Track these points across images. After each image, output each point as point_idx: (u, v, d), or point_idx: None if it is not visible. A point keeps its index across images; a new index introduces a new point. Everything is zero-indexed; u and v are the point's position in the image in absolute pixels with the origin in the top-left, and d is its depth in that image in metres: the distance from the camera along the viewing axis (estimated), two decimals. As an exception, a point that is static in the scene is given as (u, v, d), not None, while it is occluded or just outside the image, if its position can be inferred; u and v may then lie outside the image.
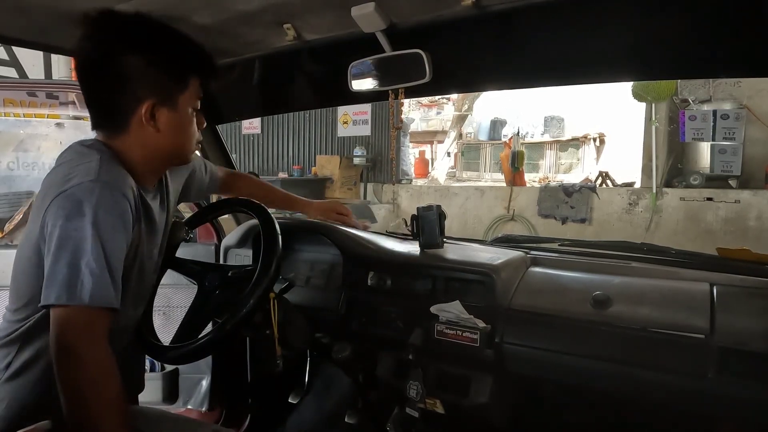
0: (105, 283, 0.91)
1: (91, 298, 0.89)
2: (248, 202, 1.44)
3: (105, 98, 1.05)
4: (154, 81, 1.03)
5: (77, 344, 0.88)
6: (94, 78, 1.05)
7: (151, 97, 1.03)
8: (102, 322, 0.91)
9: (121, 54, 1.01)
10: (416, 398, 1.37)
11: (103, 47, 1.02)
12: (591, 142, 12.53)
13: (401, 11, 1.23)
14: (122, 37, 1.03)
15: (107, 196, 0.94)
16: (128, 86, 1.02)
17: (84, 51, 1.04)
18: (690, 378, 1.16)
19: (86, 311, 0.89)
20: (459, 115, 12.94)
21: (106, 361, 0.91)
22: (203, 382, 1.99)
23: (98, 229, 0.91)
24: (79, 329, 0.89)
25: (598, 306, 1.30)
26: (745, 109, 6.37)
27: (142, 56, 1.02)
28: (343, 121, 9.06)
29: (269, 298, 1.25)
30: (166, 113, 1.06)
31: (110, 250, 0.92)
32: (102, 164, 0.98)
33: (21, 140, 3.57)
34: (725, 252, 1.46)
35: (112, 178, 0.98)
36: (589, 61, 1.31)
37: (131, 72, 1.01)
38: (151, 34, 1.05)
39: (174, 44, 1.07)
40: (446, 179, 12.16)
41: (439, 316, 1.40)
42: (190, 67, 1.10)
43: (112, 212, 0.95)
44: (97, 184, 0.94)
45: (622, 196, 6.99)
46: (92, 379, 0.88)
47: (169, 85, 1.05)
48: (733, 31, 1.11)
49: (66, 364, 0.88)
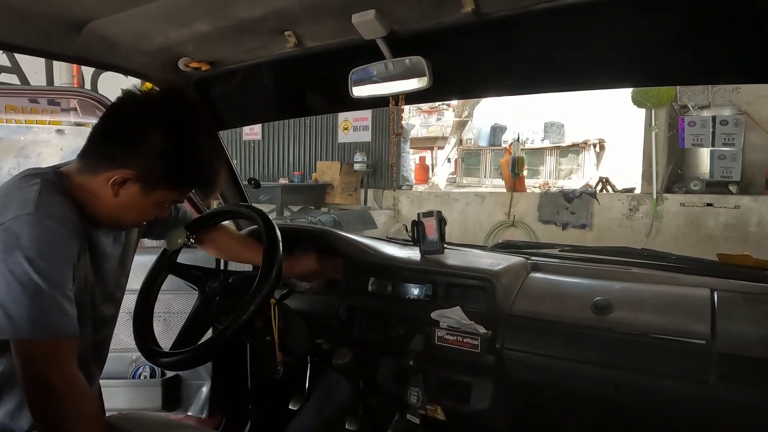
0: (60, 312, 0.91)
1: (51, 329, 0.89)
2: (249, 208, 1.44)
3: (107, 141, 1.05)
4: (151, 164, 1.02)
5: (47, 374, 0.89)
6: (117, 122, 1.06)
7: (134, 172, 1.02)
8: (68, 349, 0.92)
9: (151, 123, 1.01)
10: (417, 404, 1.37)
11: (145, 106, 1.04)
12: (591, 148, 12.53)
13: (401, 18, 1.23)
14: (166, 113, 1.03)
15: (45, 229, 0.93)
16: (130, 149, 1.01)
17: (132, 97, 1.05)
18: (691, 384, 1.16)
19: (50, 342, 0.90)
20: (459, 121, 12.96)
21: (78, 385, 0.92)
22: (203, 389, 1.98)
23: (40, 263, 0.90)
24: (47, 360, 0.89)
25: (598, 312, 1.30)
26: (744, 115, 6.37)
27: (163, 139, 1.01)
28: (344, 128, 9.07)
29: (270, 304, 1.25)
30: (134, 191, 1.04)
31: (55, 281, 0.92)
32: (41, 195, 0.97)
33: (22, 146, 3.58)
34: (726, 258, 1.46)
35: (51, 211, 0.96)
36: (589, 67, 1.31)
37: (144, 142, 1.01)
38: (188, 131, 1.04)
39: (196, 154, 1.06)
40: (446, 185, 12.16)
41: (440, 321, 1.40)
42: (191, 180, 1.09)
43: (52, 244, 0.94)
44: (34, 217, 0.93)
45: (622, 201, 6.99)
46: (67, 405, 0.89)
47: (159, 177, 1.04)
48: (733, 38, 1.12)
49: (38, 395, 0.89)
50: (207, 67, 1.58)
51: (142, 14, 1.26)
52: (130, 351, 1.81)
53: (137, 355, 1.88)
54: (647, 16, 1.16)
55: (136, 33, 1.36)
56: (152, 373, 1.99)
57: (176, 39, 1.41)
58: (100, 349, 1.23)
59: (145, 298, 1.37)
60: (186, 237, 1.37)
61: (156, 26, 1.34)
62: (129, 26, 1.33)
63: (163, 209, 1.14)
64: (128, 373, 1.98)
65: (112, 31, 1.33)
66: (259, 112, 2.12)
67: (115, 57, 1.48)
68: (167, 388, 1.96)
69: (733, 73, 1.35)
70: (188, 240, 1.37)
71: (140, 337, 1.30)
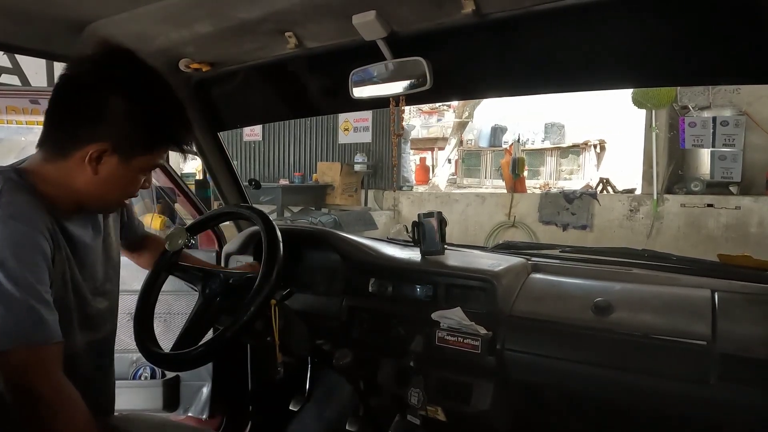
0: (37, 319, 0.87)
1: (29, 337, 0.86)
2: (250, 209, 1.44)
3: (67, 119, 1.00)
4: (122, 131, 0.98)
5: (32, 384, 0.86)
6: (71, 97, 1.00)
7: (108, 142, 0.97)
8: (50, 355, 0.89)
9: (110, 90, 0.97)
10: (417, 405, 1.37)
11: (97, 75, 0.98)
12: (591, 148, 12.54)
13: (402, 19, 1.24)
14: (121, 77, 0.98)
15: (12, 231, 0.89)
16: (95, 121, 0.97)
17: (78, 69, 1.00)
18: (692, 385, 1.16)
19: (31, 351, 0.87)
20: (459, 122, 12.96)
21: (66, 392, 0.90)
22: (204, 390, 1.98)
23: (9, 267, 0.85)
24: (30, 370, 0.86)
25: (599, 312, 1.30)
26: (744, 116, 6.37)
27: (126, 104, 0.97)
28: (344, 128, 9.08)
29: (270, 305, 1.25)
30: (113, 163, 0.99)
31: (29, 285, 0.87)
32: (2, 195, 0.91)
33: (23, 147, 3.57)
34: (726, 258, 1.46)
35: (15, 210, 0.91)
36: (589, 68, 1.31)
37: (107, 111, 0.97)
38: (148, 89, 1.01)
39: (162, 108, 1.03)
40: (447, 186, 12.16)
41: (441, 322, 1.40)
42: (166, 136, 1.05)
43: (21, 246, 0.89)
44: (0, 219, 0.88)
45: (622, 202, 6.99)
46: (56, 414, 0.88)
47: (134, 142, 1.00)
48: (733, 38, 1.12)
49: (26, 406, 0.87)
50: (207, 68, 1.58)
51: (143, 15, 1.26)
52: (130, 352, 1.81)
53: (138, 356, 1.88)
54: (648, 17, 1.16)
55: (137, 34, 1.36)
56: (153, 373, 1.99)
57: (177, 40, 1.41)
58: (101, 348, 1.19)
59: (146, 298, 1.37)
60: (186, 238, 1.37)
61: (156, 27, 1.34)
62: (129, 27, 1.33)
63: (146, 177, 1.09)
64: (129, 373, 1.98)
65: (113, 32, 1.33)
66: (259, 113, 2.12)
67: (115, 58, 1.48)
68: (168, 389, 1.96)
69: (733, 74, 1.35)
70: (189, 241, 1.37)
71: (141, 338, 1.30)
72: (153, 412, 1.88)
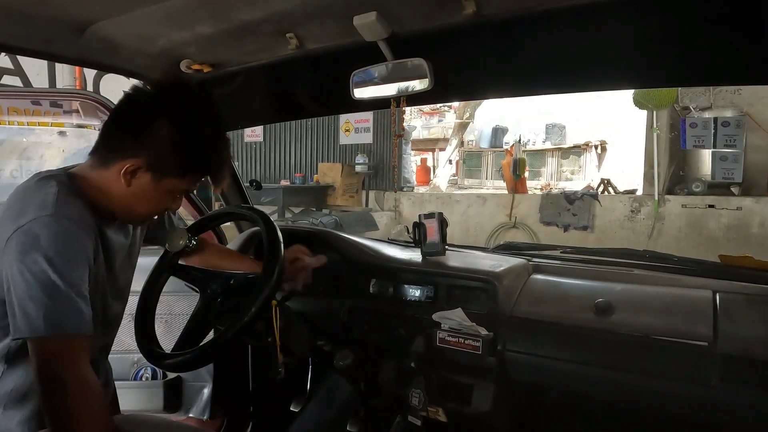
0: (76, 311, 0.94)
1: (67, 327, 0.92)
2: (251, 210, 1.44)
3: (116, 133, 1.08)
4: (159, 152, 1.05)
5: (61, 372, 0.91)
6: (125, 114, 1.09)
7: (145, 159, 1.04)
8: (81, 346, 0.94)
9: (158, 114, 1.04)
10: (418, 406, 1.37)
11: (152, 98, 1.07)
12: (593, 149, 12.54)
13: (403, 20, 1.24)
14: (171, 103, 1.06)
15: (64, 230, 0.96)
16: (138, 139, 1.05)
17: (139, 90, 1.09)
18: (693, 385, 1.16)
19: (65, 340, 0.92)
20: (460, 122, 12.97)
21: (89, 384, 0.94)
22: (205, 390, 1.98)
23: (58, 262, 0.93)
24: (61, 358, 0.92)
25: (600, 313, 1.30)
26: (746, 117, 6.37)
27: (170, 129, 1.04)
28: (345, 129, 9.09)
29: (271, 306, 1.25)
30: (145, 179, 1.06)
31: (73, 281, 0.94)
32: (59, 197, 1.00)
33: (24, 148, 3.59)
34: (728, 259, 1.46)
35: (69, 212, 0.99)
36: (590, 68, 1.32)
37: (151, 132, 1.04)
38: (194, 120, 1.07)
39: (202, 141, 1.08)
40: (448, 187, 12.17)
41: (442, 323, 1.40)
42: (198, 166, 1.11)
43: (70, 245, 0.97)
44: (53, 218, 0.95)
45: (624, 203, 6.99)
46: (76, 403, 0.91)
47: (167, 164, 1.06)
48: (734, 39, 1.12)
49: (51, 392, 0.91)
50: (209, 69, 1.59)
51: (144, 16, 1.26)
52: (131, 352, 1.82)
53: (139, 357, 1.88)
54: (648, 18, 1.16)
55: (138, 35, 1.37)
56: (154, 374, 1.99)
57: (178, 41, 1.41)
58: (107, 352, 1.25)
59: (147, 299, 1.37)
60: (187, 239, 1.37)
61: (158, 28, 1.34)
62: (131, 28, 1.33)
63: (174, 199, 1.15)
64: (130, 374, 1.98)
65: (114, 33, 1.33)
66: (260, 114, 2.13)
67: (116, 59, 1.49)
68: (169, 390, 1.96)
69: (734, 75, 1.35)
70: (189, 242, 1.38)
71: (142, 339, 1.30)
72: (154, 413, 1.88)
